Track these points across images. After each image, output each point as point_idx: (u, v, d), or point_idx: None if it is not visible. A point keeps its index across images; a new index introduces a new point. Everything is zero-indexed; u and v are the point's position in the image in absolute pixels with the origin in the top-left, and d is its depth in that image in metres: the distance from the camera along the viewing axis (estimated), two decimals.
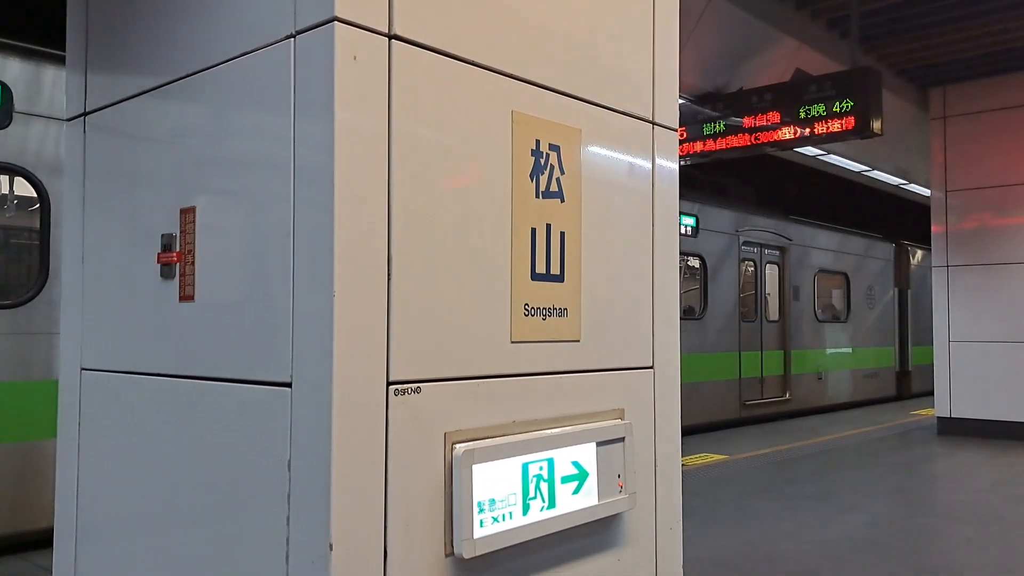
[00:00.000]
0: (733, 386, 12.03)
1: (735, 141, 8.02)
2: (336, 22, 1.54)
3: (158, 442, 1.93)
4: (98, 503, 2.12)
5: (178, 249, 1.89)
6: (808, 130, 7.49)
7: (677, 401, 2.28)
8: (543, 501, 1.82)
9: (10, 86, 5.38)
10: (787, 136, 7.67)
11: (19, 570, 4.89)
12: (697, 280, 11.57)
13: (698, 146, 8.17)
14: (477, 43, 1.79)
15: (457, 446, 1.68)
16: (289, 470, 1.56)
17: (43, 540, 4.69)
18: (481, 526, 1.68)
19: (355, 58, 1.56)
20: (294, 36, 1.63)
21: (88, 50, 2.25)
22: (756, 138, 7.86)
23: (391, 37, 1.62)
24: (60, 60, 5.32)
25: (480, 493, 1.68)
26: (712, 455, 8.93)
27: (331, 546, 1.47)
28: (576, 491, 1.90)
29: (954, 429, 10.21)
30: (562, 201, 1.94)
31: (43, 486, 5.20)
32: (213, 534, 1.75)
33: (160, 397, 1.93)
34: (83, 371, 2.19)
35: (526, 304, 1.86)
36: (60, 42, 2.41)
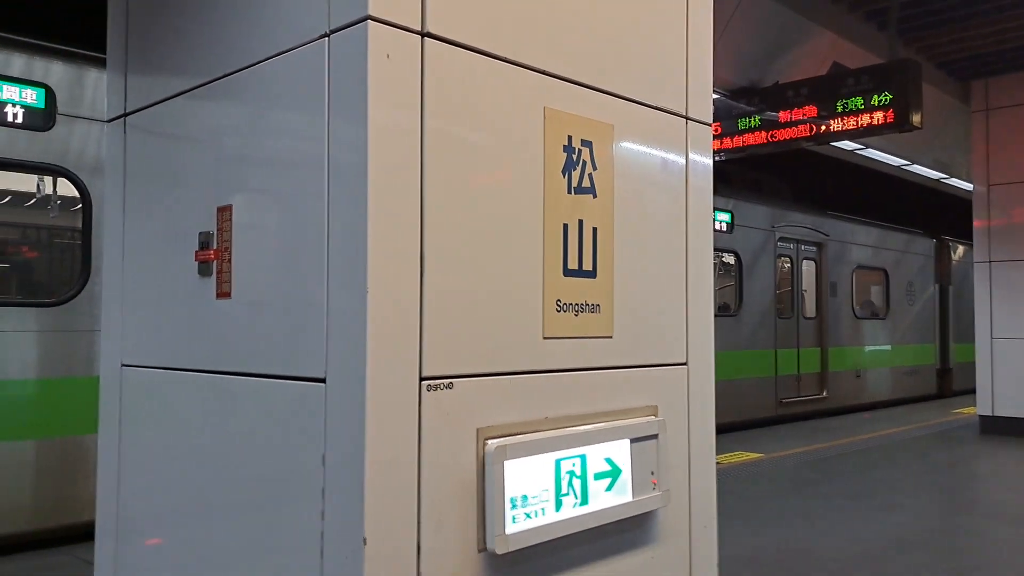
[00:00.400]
0: (769, 383, 11.90)
1: (770, 136, 7.92)
2: (369, 20, 1.55)
3: (195, 437, 1.96)
4: (138, 496, 2.16)
5: (215, 247, 1.91)
6: (846, 124, 7.38)
7: (711, 398, 2.26)
8: (576, 498, 1.82)
9: (53, 88, 5.49)
10: (824, 130, 7.57)
11: (61, 563, 5.00)
12: (732, 276, 11.46)
13: (733, 141, 8.09)
14: (510, 40, 1.79)
15: (489, 442, 1.68)
16: (324, 465, 1.58)
17: (86, 534, 4.80)
18: (514, 522, 1.68)
19: (388, 56, 1.57)
20: (328, 35, 1.64)
21: (128, 52, 2.30)
22: (792, 133, 7.76)
23: (424, 35, 1.63)
24: (101, 63, 5.42)
25: (512, 489, 1.69)
26: (748, 453, 8.85)
27: (365, 540, 1.48)
28: (609, 488, 1.90)
29: (996, 428, 10.00)
30: (594, 197, 1.94)
31: (85, 480, 5.32)
32: (249, 528, 1.78)
33: (197, 392, 1.96)
34: (123, 367, 2.23)
35: (558, 300, 1.86)
36: (101, 45, 2.46)
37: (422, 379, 1.59)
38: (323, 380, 1.60)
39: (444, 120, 1.65)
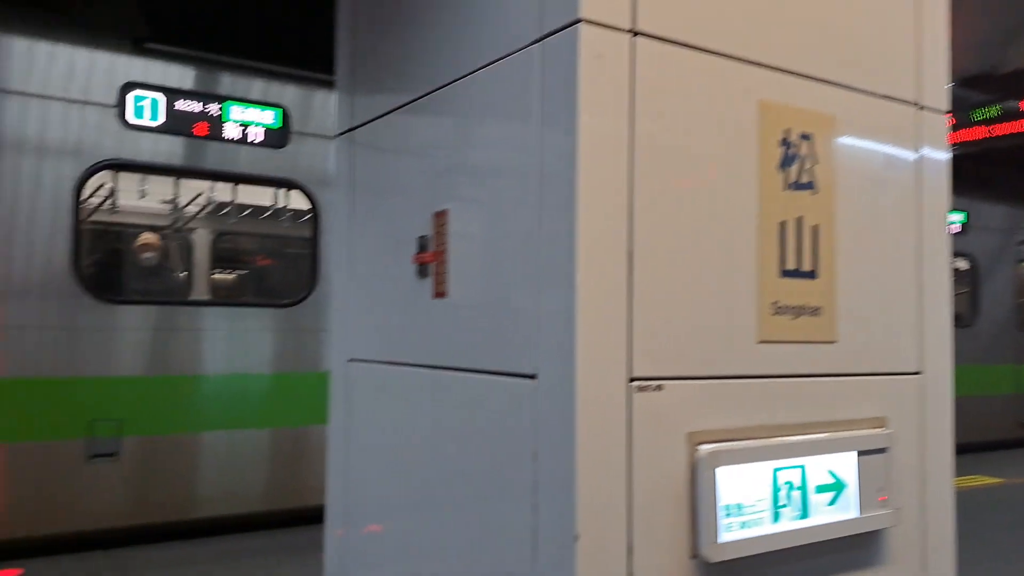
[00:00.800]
0: (1010, 402, 10.73)
1: (1012, 127, 7.17)
2: (581, 23, 1.56)
3: (413, 428, 2.06)
4: (363, 484, 2.31)
5: (432, 250, 2.00)
6: None
7: (949, 412, 2.07)
8: (795, 510, 1.72)
9: (288, 108, 6.03)
10: None
11: (293, 543, 5.45)
12: (966, 283, 10.45)
13: (968, 134, 7.40)
14: (721, 32, 1.73)
15: (701, 447, 1.63)
16: (535, 460, 1.60)
17: (314, 517, 5.20)
18: (728, 531, 1.62)
19: (599, 58, 1.57)
20: (539, 41, 1.66)
21: (354, 72, 2.46)
22: None
23: (635, 33, 1.61)
24: (325, 84, 5.88)
25: (726, 497, 1.63)
26: (985, 477, 8.02)
27: (576, 537, 1.49)
28: (832, 502, 1.78)
29: None
30: (814, 193, 1.83)
31: (313, 467, 5.77)
32: (464, 519, 1.83)
33: (415, 386, 2.06)
34: (349, 362, 2.39)
35: (774, 302, 1.77)
36: (326, 67, 2.66)
37: (631, 380, 1.57)
38: (533, 376, 1.62)
39: (654, 119, 1.63)
